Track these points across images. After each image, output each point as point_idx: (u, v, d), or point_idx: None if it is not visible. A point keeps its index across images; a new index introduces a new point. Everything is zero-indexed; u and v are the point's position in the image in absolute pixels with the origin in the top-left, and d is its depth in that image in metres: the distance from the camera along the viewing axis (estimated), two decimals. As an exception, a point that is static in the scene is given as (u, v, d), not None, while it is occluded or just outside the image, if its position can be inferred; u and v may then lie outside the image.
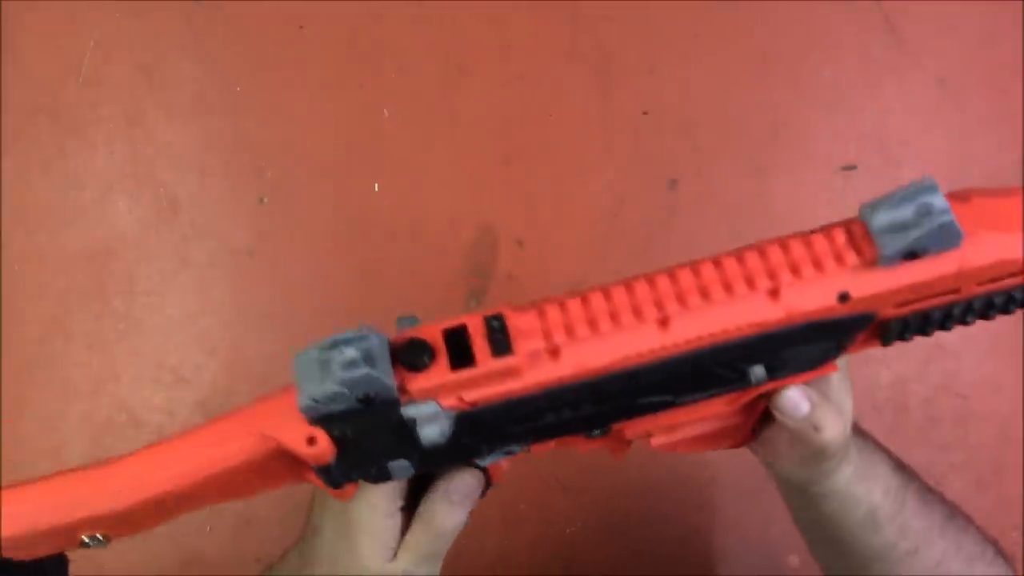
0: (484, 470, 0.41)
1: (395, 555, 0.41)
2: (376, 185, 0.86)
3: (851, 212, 0.37)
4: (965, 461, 0.81)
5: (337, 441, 0.34)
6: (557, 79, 0.88)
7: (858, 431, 0.48)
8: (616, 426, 0.40)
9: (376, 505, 0.40)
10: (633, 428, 0.41)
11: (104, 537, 0.37)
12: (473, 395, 0.35)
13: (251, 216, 0.86)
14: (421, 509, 0.41)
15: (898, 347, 0.87)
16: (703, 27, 0.89)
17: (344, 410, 0.33)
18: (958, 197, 0.36)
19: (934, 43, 0.89)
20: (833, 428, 0.41)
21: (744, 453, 0.46)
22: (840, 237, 0.36)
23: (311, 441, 0.34)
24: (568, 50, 0.89)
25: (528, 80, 0.88)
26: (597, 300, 0.36)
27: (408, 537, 0.41)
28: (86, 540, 0.37)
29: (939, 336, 0.88)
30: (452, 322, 0.35)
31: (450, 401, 0.35)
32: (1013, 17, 0.89)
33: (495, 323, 0.35)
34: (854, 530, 0.48)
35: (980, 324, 0.41)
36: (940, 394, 0.83)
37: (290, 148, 0.87)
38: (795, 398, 0.40)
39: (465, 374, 0.34)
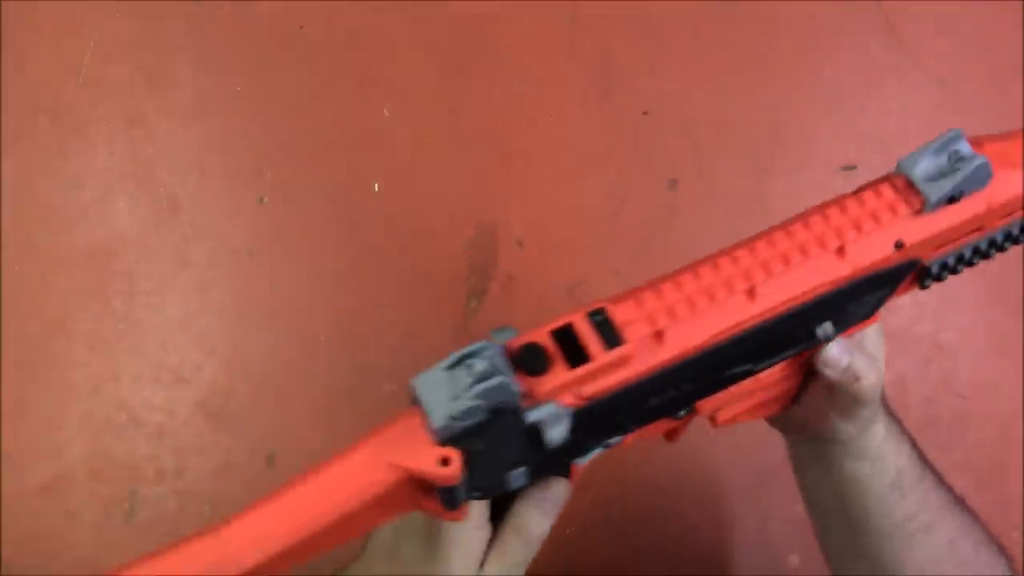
0: (568, 476, 0.42)
1: (483, 566, 0.41)
2: (376, 185, 0.86)
3: (851, 212, 0.38)
4: (965, 461, 0.81)
5: (465, 457, 0.34)
6: (557, 79, 0.88)
7: (884, 399, 0.50)
8: (698, 404, 0.43)
9: (468, 517, 0.40)
10: (708, 405, 0.43)
11: None
12: (590, 389, 0.36)
13: (251, 216, 0.86)
14: (512, 517, 0.41)
15: (898, 347, 0.87)
16: (703, 27, 0.89)
17: (475, 424, 0.34)
18: (975, 143, 0.40)
19: (934, 43, 0.89)
20: (869, 376, 0.44)
21: (743, 453, 0.47)
22: (888, 191, 0.39)
23: (444, 462, 0.34)
24: (568, 50, 0.89)
25: (528, 80, 0.88)
26: (688, 280, 0.37)
27: (498, 545, 0.41)
28: None
29: (939, 336, 0.88)
30: (556, 323, 0.36)
31: (568, 399, 0.35)
32: (1013, 17, 0.89)
33: (599, 317, 0.36)
34: (880, 497, 0.49)
35: (980, 324, 0.42)
36: (939, 394, 0.83)
37: (290, 148, 0.87)
38: (837, 352, 0.43)
39: (583, 370, 0.35)
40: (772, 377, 0.44)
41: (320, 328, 0.83)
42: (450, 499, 0.36)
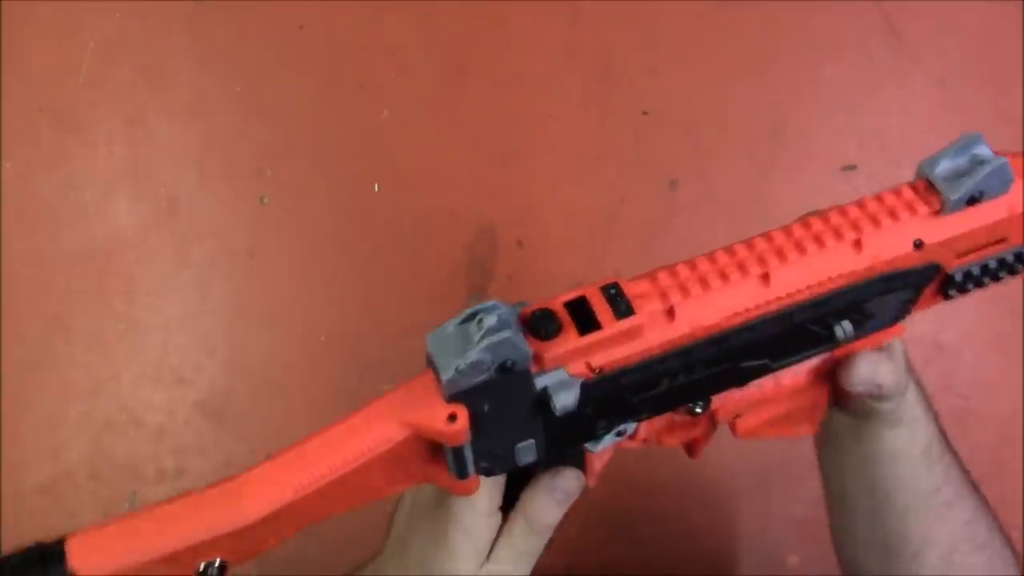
0: (583, 469, 0.42)
1: (490, 555, 0.41)
2: (376, 185, 0.86)
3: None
4: (965, 461, 0.81)
5: (474, 418, 0.35)
6: (557, 79, 0.88)
7: (908, 362, 0.50)
8: (715, 403, 0.42)
9: (476, 503, 0.40)
10: (726, 407, 0.43)
11: (222, 565, 0.35)
12: (599, 359, 0.36)
13: (251, 216, 0.86)
14: (522, 504, 0.41)
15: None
16: (703, 27, 0.89)
17: (483, 382, 0.34)
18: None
19: (934, 43, 0.89)
20: (890, 378, 0.44)
21: (744, 453, 0.47)
22: (908, 192, 0.39)
23: (451, 418, 0.34)
24: (568, 50, 0.89)
25: (528, 80, 0.88)
26: (703, 263, 0.38)
27: (506, 534, 0.41)
28: (203, 570, 0.35)
29: (939, 336, 0.88)
30: (571, 295, 0.37)
31: (578, 368, 0.36)
32: (1013, 17, 0.89)
33: (612, 290, 0.36)
34: (912, 465, 0.49)
35: (980, 324, 0.42)
36: (940, 394, 0.82)
37: (290, 148, 0.87)
38: (867, 370, 0.43)
39: (593, 338, 0.35)
40: (794, 385, 0.44)
41: (320, 328, 0.83)
42: (459, 465, 0.36)
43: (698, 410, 0.42)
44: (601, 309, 0.36)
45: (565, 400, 0.35)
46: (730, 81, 0.88)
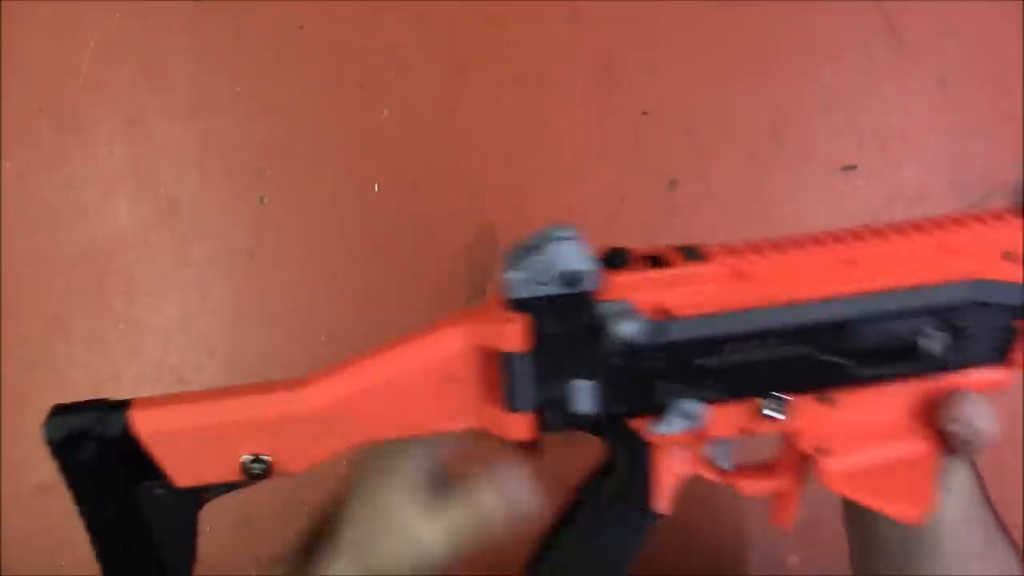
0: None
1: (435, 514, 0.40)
2: (376, 185, 0.86)
3: (851, 213, 0.38)
4: (965, 461, 0.82)
5: (534, 334, 0.35)
6: (557, 79, 0.88)
7: None
8: (795, 415, 0.39)
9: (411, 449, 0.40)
10: (810, 430, 0.40)
11: (267, 463, 0.36)
12: (665, 298, 0.36)
13: (251, 216, 0.86)
14: (475, 491, 0.41)
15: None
16: (703, 27, 0.89)
17: (546, 295, 0.34)
18: None
19: (934, 43, 0.89)
20: (986, 426, 0.43)
21: (744, 452, 0.46)
22: (998, 210, 0.39)
23: (509, 321, 0.35)
24: (568, 50, 0.89)
25: (528, 80, 0.88)
26: (782, 238, 0.38)
27: (458, 501, 0.41)
28: (248, 461, 0.36)
29: (939, 336, 0.87)
30: (650, 250, 0.38)
31: (644, 300, 0.36)
32: (1013, 17, 0.89)
33: (688, 247, 0.38)
34: (948, 528, 0.48)
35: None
36: (940, 394, 0.83)
37: (290, 148, 0.87)
38: (969, 409, 0.42)
39: (659, 273, 0.36)
40: (888, 423, 0.41)
41: (320, 328, 0.83)
42: (513, 386, 0.35)
43: (770, 411, 0.39)
44: (673, 256, 0.37)
45: (625, 328, 0.35)
46: (730, 81, 0.88)
